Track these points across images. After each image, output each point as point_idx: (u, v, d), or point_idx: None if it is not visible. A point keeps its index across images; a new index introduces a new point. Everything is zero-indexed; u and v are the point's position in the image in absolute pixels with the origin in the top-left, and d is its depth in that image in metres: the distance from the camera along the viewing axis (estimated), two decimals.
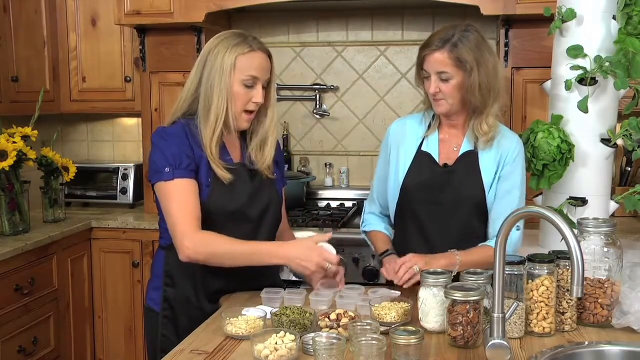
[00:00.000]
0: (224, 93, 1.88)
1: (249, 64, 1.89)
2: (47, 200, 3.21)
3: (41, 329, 2.93)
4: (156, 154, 1.91)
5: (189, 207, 1.85)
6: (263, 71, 1.92)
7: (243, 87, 1.90)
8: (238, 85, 1.89)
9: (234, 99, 1.89)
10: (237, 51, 1.89)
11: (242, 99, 1.90)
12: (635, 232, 2.81)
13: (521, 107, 3.05)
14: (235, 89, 1.89)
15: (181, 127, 1.93)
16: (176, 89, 3.30)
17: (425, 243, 2.09)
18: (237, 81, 1.89)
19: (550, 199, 2.38)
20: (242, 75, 1.89)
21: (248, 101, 1.91)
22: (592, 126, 2.28)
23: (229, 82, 1.88)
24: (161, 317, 1.99)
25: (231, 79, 1.88)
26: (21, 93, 3.23)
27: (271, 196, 2.02)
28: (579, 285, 1.37)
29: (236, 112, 1.91)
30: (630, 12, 2.14)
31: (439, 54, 1.97)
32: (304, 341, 1.55)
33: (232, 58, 1.88)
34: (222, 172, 1.90)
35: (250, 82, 1.90)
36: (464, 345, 1.58)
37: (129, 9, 3.18)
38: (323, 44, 3.56)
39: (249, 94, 1.91)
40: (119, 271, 3.26)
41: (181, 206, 1.85)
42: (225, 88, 1.88)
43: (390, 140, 2.17)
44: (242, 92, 1.90)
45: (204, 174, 1.91)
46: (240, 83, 1.89)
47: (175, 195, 1.86)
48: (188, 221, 1.83)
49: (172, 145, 1.89)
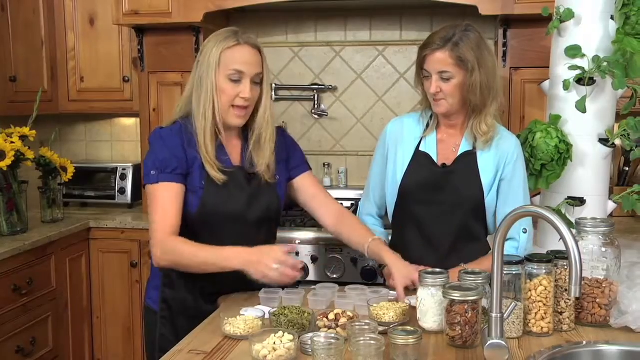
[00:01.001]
0: (210, 88, 1.88)
1: (233, 57, 1.88)
2: (45, 200, 3.21)
3: (39, 329, 2.92)
4: (147, 156, 1.93)
5: (167, 213, 1.85)
6: (249, 65, 1.89)
7: (229, 82, 1.88)
8: (224, 80, 1.88)
9: (220, 94, 1.88)
10: (222, 45, 1.88)
11: (228, 94, 1.88)
12: (633, 232, 2.81)
13: (519, 107, 3.05)
14: (221, 84, 1.87)
15: (178, 127, 1.93)
16: (174, 89, 3.30)
17: (423, 243, 2.09)
18: (222, 76, 1.87)
19: (548, 198, 2.38)
20: (227, 70, 1.87)
21: (235, 96, 1.88)
22: (590, 126, 2.28)
23: (215, 77, 1.87)
24: (159, 317, 1.99)
25: (217, 73, 1.87)
26: (19, 93, 3.23)
27: (270, 199, 1.99)
28: (576, 285, 1.37)
29: (223, 108, 1.89)
30: (628, 11, 2.14)
31: (440, 53, 1.97)
32: (302, 341, 1.55)
33: (218, 53, 1.88)
34: (215, 173, 1.89)
35: (236, 76, 1.88)
36: (462, 345, 1.58)
37: (127, 9, 3.17)
38: (321, 44, 3.56)
39: (235, 88, 1.88)
40: (117, 271, 3.25)
41: (159, 212, 1.86)
42: (211, 83, 1.87)
43: (387, 139, 2.17)
44: (228, 86, 1.88)
45: (197, 175, 1.90)
46: (226, 77, 1.87)
47: (157, 200, 1.87)
48: (162, 228, 1.84)
49: (162, 148, 1.89)
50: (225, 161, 1.93)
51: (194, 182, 1.90)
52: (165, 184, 1.86)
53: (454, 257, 2.04)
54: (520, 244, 2.06)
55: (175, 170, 1.88)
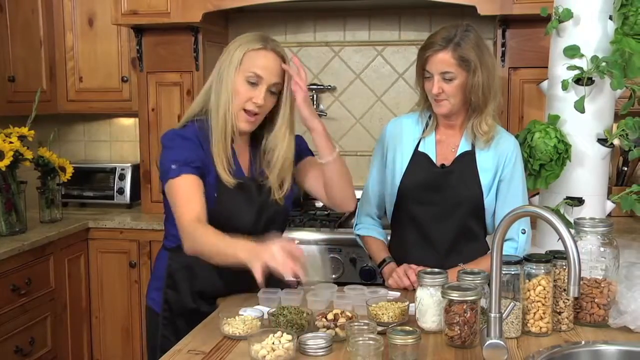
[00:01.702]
0: (229, 87, 1.85)
1: (255, 61, 1.84)
2: (44, 200, 3.21)
3: (38, 329, 2.92)
4: (164, 154, 1.87)
5: (192, 202, 1.79)
6: (269, 72, 1.85)
7: (246, 84, 1.84)
8: (241, 81, 1.84)
9: (234, 95, 1.85)
10: (247, 47, 1.86)
11: (242, 96, 1.84)
12: (632, 232, 2.81)
13: (518, 107, 3.05)
14: (238, 85, 1.84)
15: (192, 129, 1.89)
16: (173, 89, 3.30)
17: (422, 243, 2.09)
18: (241, 76, 1.84)
19: (547, 198, 2.38)
20: (246, 72, 1.84)
21: (247, 99, 1.85)
22: (589, 126, 2.29)
23: (234, 76, 1.84)
24: (161, 317, 1.98)
25: (236, 73, 1.85)
26: (18, 93, 3.23)
27: (277, 211, 1.96)
28: (575, 285, 1.37)
29: (235, 109, 1.85)
30: (626, 12, 2.14)
31: (443, 53, 1.96)
32: (300, 341, 1.55)
33: (242, 53, 1.85)
34: (226, 176, 1.85)
35: (254, 79, 1.84)
36: (461, 345, 1.58)
37: (126, 9, 3.17)
38: (320, 44, 3.56)
39: (250, 92, 1.84)
40: (116, 271, 3.25)
41: (184, 201, 1.79)
42: (231, 82, 1.85)
43: (386, 140, 2.17)
44: (244, 89, 1.84)
45: (211, 185, 1.85)
46: (244, 79, 1.84)
47: (179, 192, 1.81)
48: (188, 216, 1.77)
49: (180, 146, 1.85)
50: (237, 170, 1.90)
51: (207, 192, 1.84)
52: (187, 176, 1.80)
53: (453, 257, 2.05)
54: (519, 245, 2.06)
55: (196, 163, 1.83)
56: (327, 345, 1.54)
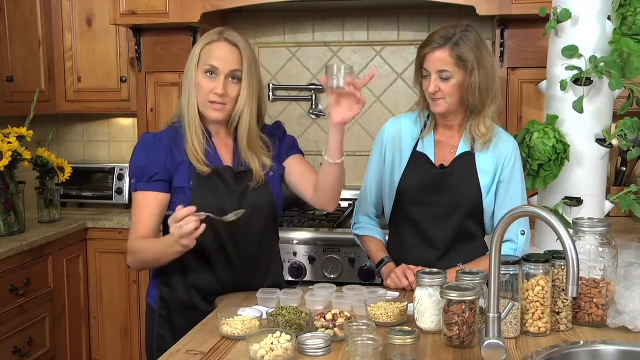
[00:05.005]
0: (192, 83, 1.93)
1: (210, 53, 1.92)
2: (43, 200, 3.21)
3: (36, 329, 2.92)
4: (129, 163, 1.98)
5: (139, 221, 1.92)
6: (224, 62, 1.91)
7: (205, 77, 1.92)
8: (201, 75, 1.92)
9: (198, 89, 1.93)
10: (204, 42, 1.95)
11: (203, 89, 1.92)
12: (630, 232, 2.81)
13: (517, 107, 3.05)
14: (199, 79, 1.93)
15: (168, 132, 1.97)
16: (172, 89, 3.30)
17: (421, 244, 2.09)
18: (200, 71, 1.92)
19: (546, 198, 2.38)
20: (204, 65, 1.92)
21: (210, 91, 1.92)
22: (588, 126, 2.29)
23: (195, 72, 1.93)
24: (157, 314, 2.00)
25: (197, 69, 1.93)
26: (16, 93, 3.22)
27: (261, 198, 1.98)
28: (574, 285, 1.37)
29: (202, 102, 1.93)
30: (625, 12, 2.14)
31: (440, 52, 1.97)
32: (299, 341, 1.55)
33: (199, 49, 1.94)
34: (200, 166, 1.91)
35: (210, 70, 1.91)
36: (460, 345, 1.58)
37: (125, 9, 3.17)
38: (319, 44, 3.56)
39: (210, 83, 1.92)
40: (115, 272, 3.25)
41: (133, 220, 1.94)
42: (193, 78, 1.93)
43: (385, 140, 2.17)
44: (204, 81, 1.92)
45: (184, 175, 1.92)
46: (203, 72, 1.92)
47: (134, 208, 1.94)
48: (131, 235, 1.92)
49: (140, 155, 1.95)
50: (214, 160, 1.95)
51: (181, 182, 1.92)
52: (141, 193, 1.93)
53: (452, 257, 2.05)
54: (518, 246, 2.06)
55: (153, 177, 1.91)
56: (326, 346, 1.54)
